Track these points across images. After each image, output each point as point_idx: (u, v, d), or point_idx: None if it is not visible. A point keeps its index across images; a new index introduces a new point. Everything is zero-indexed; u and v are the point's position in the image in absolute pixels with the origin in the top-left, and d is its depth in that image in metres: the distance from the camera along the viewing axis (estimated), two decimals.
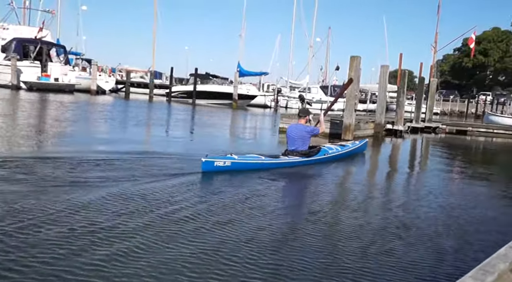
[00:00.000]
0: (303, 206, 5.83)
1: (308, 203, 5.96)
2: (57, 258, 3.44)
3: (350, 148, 10.56)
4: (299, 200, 6.32)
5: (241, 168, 7.51)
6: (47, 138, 10.71)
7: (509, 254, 2.60)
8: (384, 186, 8.13)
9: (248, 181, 6.85)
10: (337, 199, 6.50)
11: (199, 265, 3.48)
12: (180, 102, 36.41)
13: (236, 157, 7.60)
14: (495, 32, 70.91)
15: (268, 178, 7.18)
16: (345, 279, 3.47)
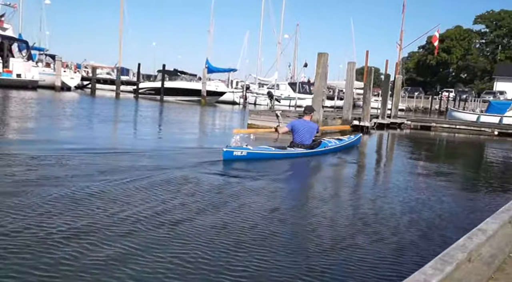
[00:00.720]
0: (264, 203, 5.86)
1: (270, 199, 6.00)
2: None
3: (346, 142, 11.58)
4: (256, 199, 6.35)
5: (255, 157, 8.59)
6: (4, 135, 10.38)
7: (467, 244, 2.69)
8: (351, 181, 8.27)
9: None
10: (300, 196, 6.56)
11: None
12: (148, 99, 35.92)
13: (251, 148, 8.67)
14: (458, 30, 73.00)
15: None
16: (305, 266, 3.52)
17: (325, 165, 9.71)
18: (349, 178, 8.75)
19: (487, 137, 20.20)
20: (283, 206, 5.56)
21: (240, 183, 6.67)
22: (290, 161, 9.18)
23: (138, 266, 3.40)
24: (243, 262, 3.61)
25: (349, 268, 3.68)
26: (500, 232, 3.26)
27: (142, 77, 46.21)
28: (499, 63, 65.28)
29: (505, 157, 14.08)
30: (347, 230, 4.69)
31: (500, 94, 51.74)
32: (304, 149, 9.79)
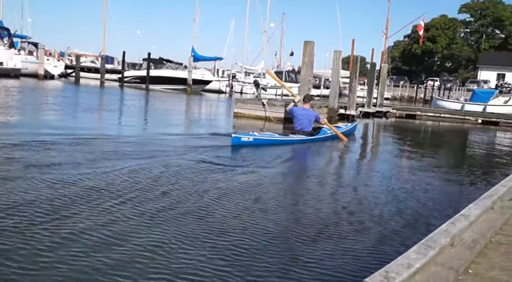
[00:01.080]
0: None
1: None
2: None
3: (343, 129, 11.95)
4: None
5: (260, 143, 9.10)
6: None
7: (450, 230, 2.73)
8: (336, 169, 8.33)
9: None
10: (284, 186, 6.60)
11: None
12: (133, 87, 35.57)
13: (257, 134, 9.31)
14: (443, 19, 73.43)
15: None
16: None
17: (312, 153, 9.76)
18: (334, 167, 8.82)
19: (471, 125, 20.48)
20: (268, 192, 5.58)
21: (224, 171, 6.67)
22: (289, 148, 9.51)
23: (120, 253, 3.40)
24: (222, 250, 3.63)
25: (334, 255, 3.73)
26: (482, 217, 3.33)
27: (127, 65, 45.68)
28: (483, 52, 65.95)
29: (488, 145, 14.31)
30: (331, 218, 4.73)
31: (484, 83, 52.40)
32: (305, 135, 10.32)
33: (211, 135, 10.39)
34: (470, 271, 2.48)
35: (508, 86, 47.47)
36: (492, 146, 14.08)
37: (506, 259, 2.71)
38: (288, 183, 6.55)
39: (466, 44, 75.79)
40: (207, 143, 9.18)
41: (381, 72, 24.64)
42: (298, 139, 10.14)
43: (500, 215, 3.55)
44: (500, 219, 3.45)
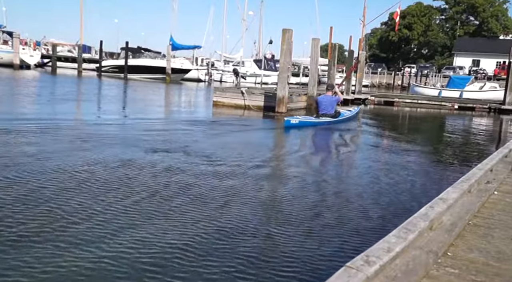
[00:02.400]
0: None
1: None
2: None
3: (354, 112, 14.76)
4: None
5: (302, 124, 11.61)
6: None
7: (428, 213, 2.77)
8: (317, 156, 8.37)
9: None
10: (269, 170, 6.61)
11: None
12: (111, 77, 34.95)
13: (300, 117, 12.25)
14: (418, 7, 74.02)
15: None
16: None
17: (295, 139, 9.80)
18: (315, 153, 8.85)
19: (448, 111, 20.81)
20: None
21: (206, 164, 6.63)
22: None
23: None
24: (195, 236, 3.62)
25: (315, 239, 3.75)
26: (460, 201, 3.39)
27: (105, 55, 44.86)
28: (458, 39, 66.86)
29: (464, 130, 14.58)
30: (314, 203, 4.76)
31: (460, 69, 53.19)
32: (330, 117, 12.48)
33: (190, 126, 10.32)
34: (449, 253, 2.51)
35: (483, 72, 48.31)
36: (468, 131, 14.36)
37: (484, 241, 2.76)
38: (269, 167, 6.56)
39: (441, 31, 76.69)
40: (184, 132, 9.12)
41: (359, 59, 24.76)
42: (327, 121, 12.37)
43: (478, 198, 3.61)
44: (477, 202, 3.51)
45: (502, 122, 17.68)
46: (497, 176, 4.52)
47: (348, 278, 1.81)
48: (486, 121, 18.05)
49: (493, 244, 2.71)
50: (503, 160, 5.30)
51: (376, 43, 79.58)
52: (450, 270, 2.30)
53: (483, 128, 16.03)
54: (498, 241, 2.77)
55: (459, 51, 61.23)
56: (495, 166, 4.79)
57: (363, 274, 1.87)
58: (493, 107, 20.35)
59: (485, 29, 69.66)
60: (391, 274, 2.06)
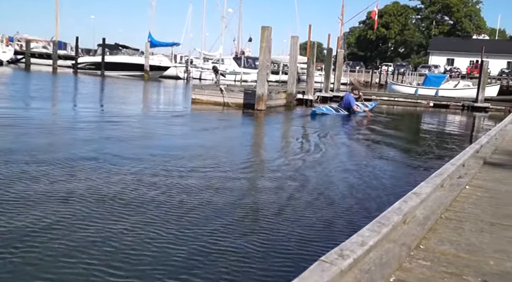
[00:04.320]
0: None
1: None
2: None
3: (370, 107, 17.05)
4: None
5: (326, 112, 15.04)
6: None
7: (402, 207, 2.83)
8: (294, 150, 8.42)
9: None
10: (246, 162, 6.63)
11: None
12: (88, 74, 34.41)
13: (324, 109, 15.35)
14: (395, 6, 75.11)
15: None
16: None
17: (282, 136, 9.83)
18: (293, 148, 8.90)
19: (424, 109, 21.17)
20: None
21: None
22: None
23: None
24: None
25: (292, 233, 3.78)
26: (433, 195, 3.46)
27: (81, 51, 44.14)
28: (433, 38, 68.06)
29: (439, 126, 14.87)
30: (291, 197, 4.80)
31: (435, 67, 54.15)
32: (345, 110, 15.55)
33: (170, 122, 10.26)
34: (421, 246, 2.57)
35: (457, 71, 49.28)
36: (442, 127, 14.64)
37: (455, 234, 2.83)
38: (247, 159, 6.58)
39: (417, 30, 77.96)
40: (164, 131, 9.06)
41: (337, 57, 24.97)
42: (343, 113, 15.41)
43: (450, 192, 3.70)
44: (449, 196, 3.59)
45: (474, 119, 18.09)
46: (469, 170, 4.63)
47: (322, 272, 1.83)
48: (459, 119, 18.45)
49: (463, 237, 2.78)
50: (475, 155, 5.43)
51: (354, 42, 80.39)
52: (422, 262, 2.35)
53: (457, 125, 16.38)
54: (468, 234, 2.85)
55: (434, 50, 62.33)
56: (467, 161, 4.91)
57: (337, 268, 1.90)
58: (466, 105, 20.81)
59: (459, 29, 71.11)
60: (365, 267, 2.10)
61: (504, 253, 2.53)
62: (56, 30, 42.01)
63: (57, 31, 41.81)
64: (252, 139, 10.08)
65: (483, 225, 3.04)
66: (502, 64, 53.87)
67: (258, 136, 10.55)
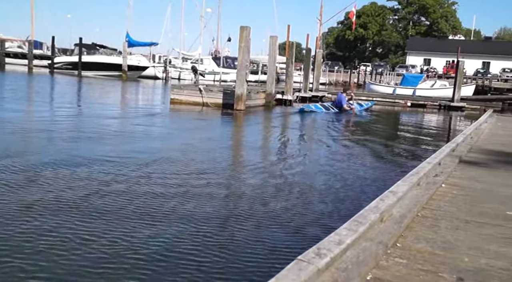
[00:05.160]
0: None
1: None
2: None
3: (364, 107, 18.57)
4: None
5: (314, 110, 16.22)
6: None
7: (379, 206, 2.84)
8: (274, 150, 8.43)
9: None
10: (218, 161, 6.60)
11: None
12: (65, 74, 33.81)
13: (313, 107, 16.58)
14: (373, 6, 75.93)
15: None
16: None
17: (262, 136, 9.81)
18: (272, 148, 8.91)
19: (401, 108, 21.45)
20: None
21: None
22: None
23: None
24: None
25: (269, 234, 3.78)
26: (410, 193, 3.50)
27: (58, 51, 43.32)
28: (410, 39, 69.02)
29: (416, 125, 15.08)
30: (270, 195, 4.79)
31: (412, 67, 54.91)
32: (337, 109, 16.83)
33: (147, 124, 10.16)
34: (398, 244, 2.59)
35: (434, 71, 50.10)
36: (420, 126, 14.86)
37: (431, 232, 2.86)
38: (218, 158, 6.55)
39: (395, 30, 78.96)
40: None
41: (316, 57, 25.10)
42: (333, 111, 16.73)
43: (426, 191, 3.75)
44: (426, 195, 3.63)
45: (451, 118, 18.42)
46: (445, 169, 4.70)
47: (299, 270, 1.83)
48: (436, 118, 18.76)
49: (439, 234, 2.82)
50: (451, 154, 5.52)
51: (333, 42, 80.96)
52: (399, 260, 2.37)
53: (434, 124, 16.66)
54: (444, 231, 2.88)
55: (411, 50, 63.21)
56: (443, 159, 4.98)
57: (314, 267, 1.90)
58: (443, 104, 21.17)
59: (435, 30, 72.31)
60: (342, 266, 2.10)
61: (479, 250, 2.57)
62: (32, 29, 41.17)
63: (33, 30, 40.98)
64: (230, 140, 10.06)
65: (459, 223, 3.09)
66: (477, 64, 54.99)
67: (237, 137, 10.53)
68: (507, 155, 6.19)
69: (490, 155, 6.03)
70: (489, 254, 2.52)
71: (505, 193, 4.01)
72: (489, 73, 48.61)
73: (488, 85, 37.36)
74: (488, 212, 3.39)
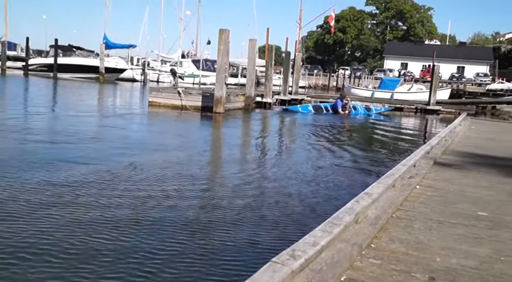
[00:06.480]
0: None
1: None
2: None
3: (380, 110, 19.98)
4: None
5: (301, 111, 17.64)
6: None
7: (354, 207, 2.88)
8: (251, 155, 8.44)
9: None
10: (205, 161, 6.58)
11: None
12: (40, 76, 33.19)
13: (299, 108, 18.16)
14: (352, 11, 76.84)
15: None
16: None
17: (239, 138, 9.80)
18: (251, 152, 8.92)
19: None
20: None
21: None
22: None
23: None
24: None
25: (249, 231, 3.78)
26: (385, 195, 3.55)
27: (33, 52, 42.57)
28: (388, 43, 70.14)
29: (393, 128, 15.29)
30: (249, 197, 4.79)
31: (390, 71, 55.76)
32: (333, 112, 18.14)
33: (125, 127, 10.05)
34: (372, 245, 2.62)
35: (410, 75, 50.95)
36: (396, 129, 15.07)
37: (405, 233, 2.90)
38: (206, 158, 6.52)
39: (373, 35, 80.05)
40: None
41: (295, 61, 25.23)
42: (325, 113, 18.01)
43: (401, 192, 3.80)
44: (400, 196, 3.69)
45: (427, 121, 18.75)
46: (420, 171, 4.78)
47: (273, 272, 1.83)
48: (413, 121, 19.07)
49: (413, 235, 2.86)
50: (426, 156, 5.62)
51: (312, 46, 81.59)
52: (373, 261, 2.39)
53: (410, 127, 16.92)
54: (417, 232, 2.93)
55: (389, 54, 64.22)
56: (418, 161, 5.07)
57: (288, 268, 1.91)
58: (419, 108, 21.52)
59: (412, 34, 73.58)
60: (317, 267, 2.12)
61: (450, 250, 2.62)
62: (6, 30, 40.30)
63: (6, 31, 40.14)
64: (207, 144, 10.02)
65: (432, 223, 3.14)
66: (452, 68, 56.19)
67: (215, 140, 10.51)
68: (480, 157, 6.33)
69: (463, 157, 6.16)
70: (460, 253, 2.57)
71: (477, 194, 4.10)
72: (463, 78, 49.72)
73: (463, 89, 38.15)
74: (460, 212, 3.46)
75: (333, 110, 18.26)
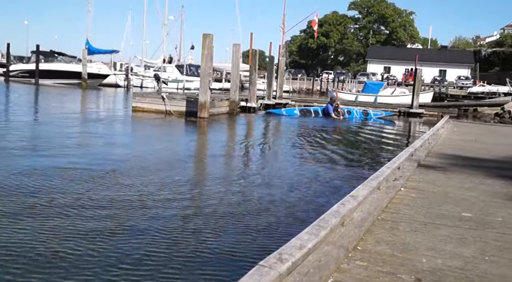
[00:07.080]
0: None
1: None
2: None
3: (383, 115, 19.81)
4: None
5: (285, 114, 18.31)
6: None
7: (340, 210, 2.88)
8: (239, 158, 8.43)
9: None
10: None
11: None
12: (21, 82, 32.69)
13: (284, 111, 18.85)
14: (335, 16, 77.55)
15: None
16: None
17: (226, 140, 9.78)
18: (236, 157, 8.90)
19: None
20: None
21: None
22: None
23: None
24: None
25: (236, 235, 3.76)
26: (370, 197, 3.57)
27: (14, 58, 41.97)
28: (370, 47, 70.93)
29: (376, 132, 15.42)
30: (237, 200, 4.77)
31: (373, 75, 56.32)
32: (324, 116, 18.42)
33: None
34: (359, 247, 2.63)
35: (393, 78, 51.54)
36: (380, 132, 15.21)
37: (390, 234, 2.92)
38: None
39: (356, 39, 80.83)
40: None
41: (279, 65, 25.32)
42: (313, 117, 18.43)
43: (386, 195, 3.83)
44: (385, 198, 3.71)
45: (410, 124, 18.96)
46: (404, 173, 4.82)
47: (260, 276, 1.82)
48: (396, 124, 19.26)
49: (398, 237, 2.88)
50: (410, 158, 5.67)
51: (296, 50, 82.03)
52: (360, 263, 2.40)
53: (394, 130, 17.09)
54: (403, 234, 2.95)
55: (372, 58, 64.92)
56: (402, 164, 5.11)
57: (276, 272, 1.90)
58: (402, 111, 21.75)
59: (394, 38, 74.55)
60: (304, 270, 2.11)
61: (435, 251, 2.64)
62: None
63: None
64: (190, 149, 9.98)
65: (417, 225, 3.16)
66: (434, 72, 56.97)
67: (199, 145, 10.47)
68: (463, 159, 6.42)
69: (446, 159, 6.24)
70: (445, 254, 2.60)
71: (461, 195, 4.15)
72: (445, 81, 50.44)
73: (445, 92, 38.73)
74: (444, 214, 3.50)
75: (324, 115, 18.47)
